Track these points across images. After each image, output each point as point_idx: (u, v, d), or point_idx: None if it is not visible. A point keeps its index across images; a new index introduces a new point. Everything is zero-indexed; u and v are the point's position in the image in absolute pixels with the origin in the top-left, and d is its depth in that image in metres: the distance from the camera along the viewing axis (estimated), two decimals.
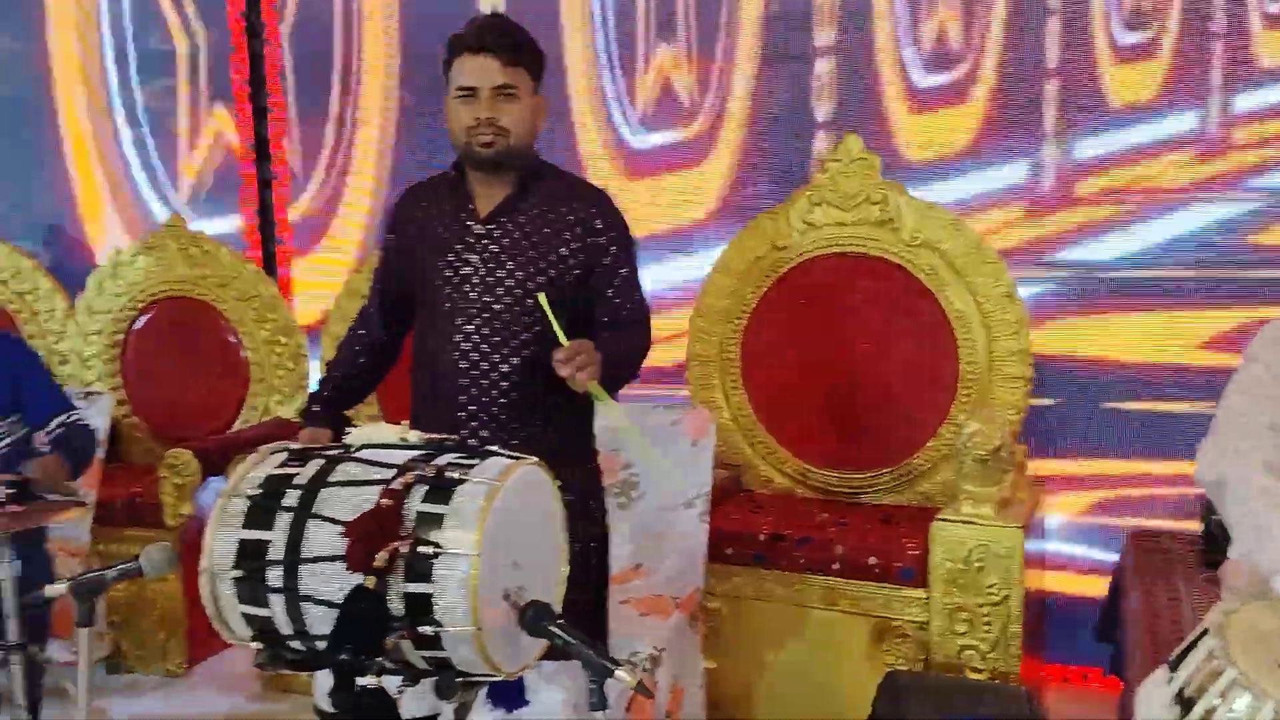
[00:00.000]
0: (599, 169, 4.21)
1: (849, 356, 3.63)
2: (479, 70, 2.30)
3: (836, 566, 3.23)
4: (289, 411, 4.45)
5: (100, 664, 3.87)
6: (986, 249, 3.50)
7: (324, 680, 2.79)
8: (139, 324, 4.62)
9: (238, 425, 4.52)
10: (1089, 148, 3.67)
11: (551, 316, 2.15)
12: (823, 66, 3.96)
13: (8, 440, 3.17)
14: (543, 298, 2.19)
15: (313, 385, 4.41)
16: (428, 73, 2.58)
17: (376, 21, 4.58)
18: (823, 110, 3.99)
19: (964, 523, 3.01)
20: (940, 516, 3.07)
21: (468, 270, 2.38)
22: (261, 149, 4.75)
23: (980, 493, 3.01)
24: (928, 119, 3.86)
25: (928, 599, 3.07)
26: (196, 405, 4.57)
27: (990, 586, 2.98)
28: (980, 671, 3.00)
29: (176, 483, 3.88)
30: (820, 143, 3.98)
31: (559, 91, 4.16)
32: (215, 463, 3.94)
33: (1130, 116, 3.62)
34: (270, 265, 4.80)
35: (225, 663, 4.05)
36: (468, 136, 2.33)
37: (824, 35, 3.96)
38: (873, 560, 3.20)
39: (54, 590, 1.93)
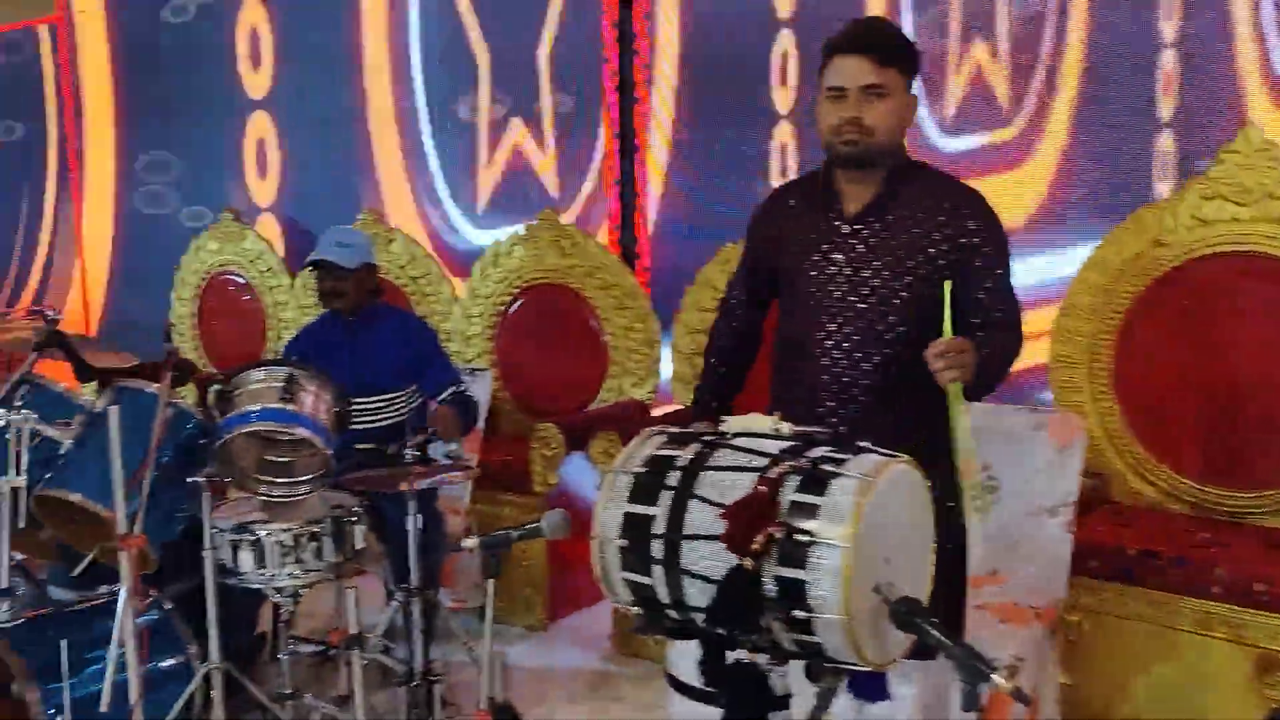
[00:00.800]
0: None
1: (1235, 365, 3.38)
2: (850, 70, 2.33)
3: (1216, 590, 3.03)
4: (642, 393, 4.69)
5: (472, 613, 4.24)
6: None
7: (684, 651, 2.96)
8: (513, 308, 5.00)
9: (596, 404, 4.79)
10: None
11: (949, 307, 2.13)
12: (1168, 57, 3.70)
13: (409, 406, 3.55)
14: (948, 286, 2.17)
15: (664, 369, 4.64)
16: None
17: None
18: (1166, 107, 3.72)
19: None
20: None
21: (833, 269, 2.42)
22: (626, 147, 4.97)
23: None
24: None
25: None
26: (560, 383, 4.90)
27: None
28: None
29: (544, 454, 4.18)
30: (1163, 143, 3.72)
31: None
32: (578, 437, 4.21)
33: None
34: (629, 256, 5.03)
35: (581, 622, 4.34)
36: (833, 136, 2.37)
37: (1169, 24, 3.69)
38: (1260, 587, 2.97)
39: (469, 544, 2.15)
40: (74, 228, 7.49)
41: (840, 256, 2.41)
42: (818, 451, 1.91)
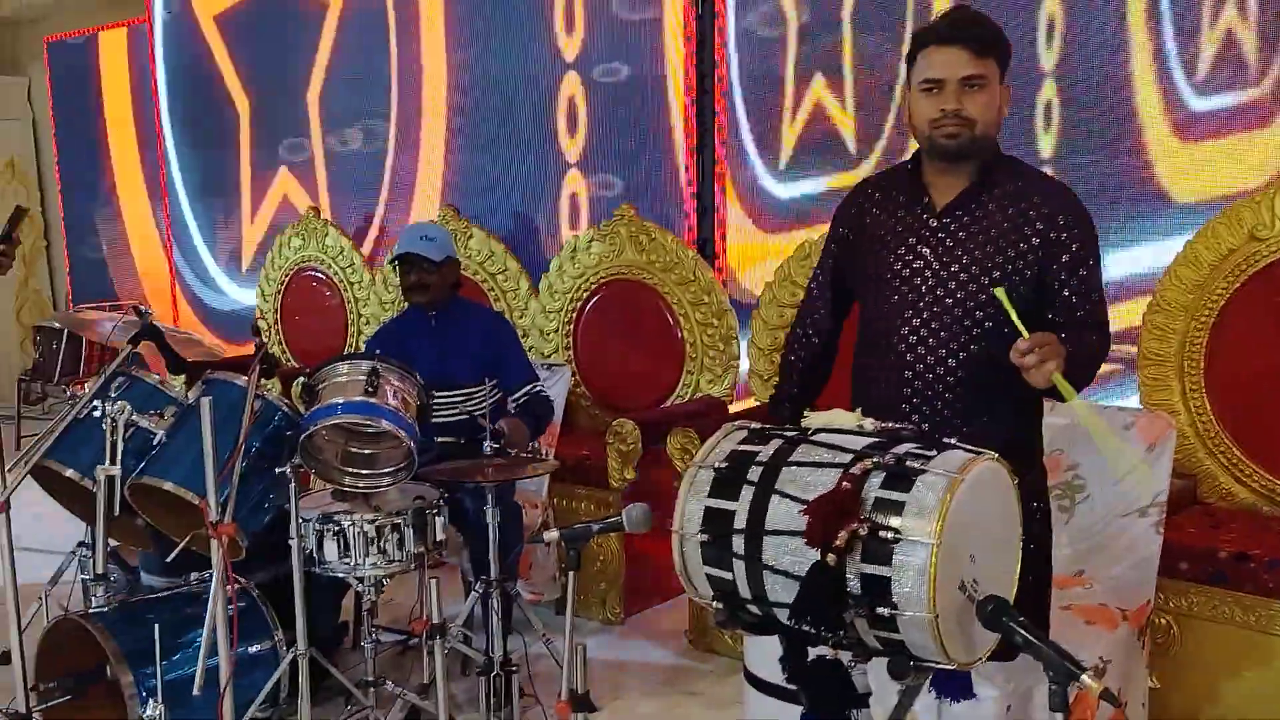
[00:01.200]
0: (1153, 131, 3.94)
1: None
2: (948, 62, 2.30)
3: None
4: (719, 390, 4.68)
5: (549, 605, 4.29)
6: None
7: (763, 647, 2.97)
8: (590, 304, 5.03)
9: (672, 400, 4.80)
10: None
11: (1010, 308, 2.11)
12: None
13: (488, 401, 3.58)
14: (1001, 291, 2.16)
15: (742, 366, 4.63)
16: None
17: None
18: None
19: None
20: None
21: (919, 264, 2.40)
22: (703, 142, 4.96)
23: None
24: None
25: None
26: (636, 379, 4.91)
27: None
28: None
29: (621, 449, 4.21)
30: None
31: (1120, 50, 3.97)
32: (654, 433, 4.22)
33: None
34: (707, 251, 5.03)
35: (657, 616, 4.36)
36: (931, 129, 2.34)
37: None
38: None
39: (549, 536, 2.18)
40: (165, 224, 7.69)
41: (927, 250, 2.39)
42: (903, 448, 1.91)
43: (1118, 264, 3.85)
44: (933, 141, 2.35)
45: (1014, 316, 2.12)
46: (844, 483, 1.84)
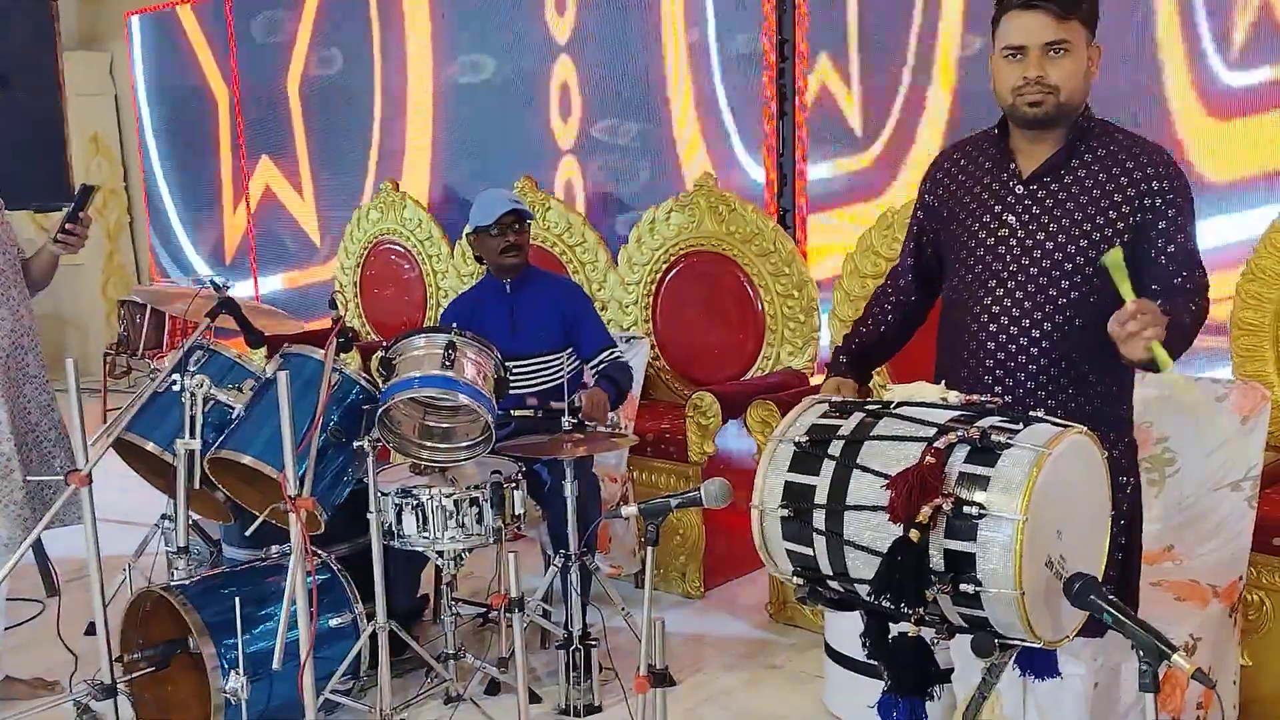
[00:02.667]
0: (1185, 109, 3.90)
1: None
2: (1029, 27, 2.25)
3: None
4: (799, 363, 4.66)
5: (628, 579, 4.32)
6: None
7: (844, 622, 2.96)
8: (670, 276, 5.03)
9: (751, 373, 4.79)
10: None
11: (1123, 276, 2.05)
12: None
13: (565, 372, 3.61)
14: (1117, 256, 2.08)
15: (823, 338, 4.60)
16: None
17: None
18: None
19: None
20: None
21: (1005, 232, 2.36)
22: (783, 108, 4.91)
23: None
24: None
25: None
26: (715, 352, 4.91)
27: None
28: None
29: (700, 423, 4.21)
30: None
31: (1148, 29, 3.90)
32: (734, 406, 4.22)
33: None
34: (787, 220, 4.99)
35: (736, 590, 4.38)
36: (1014, 97, 2.30)
37: None
38: None
39: (629, 511, 2.19)
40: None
41: (1013, 218, 2.35)
42: (988, 421, 1.89)
43: None
44: (1016, 109, 2.31)
45: (1125, 284, 2.05)
46: (928, 457, 1.83)
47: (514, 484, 3.28)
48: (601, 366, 3.80)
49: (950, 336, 2.46)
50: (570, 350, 3.82)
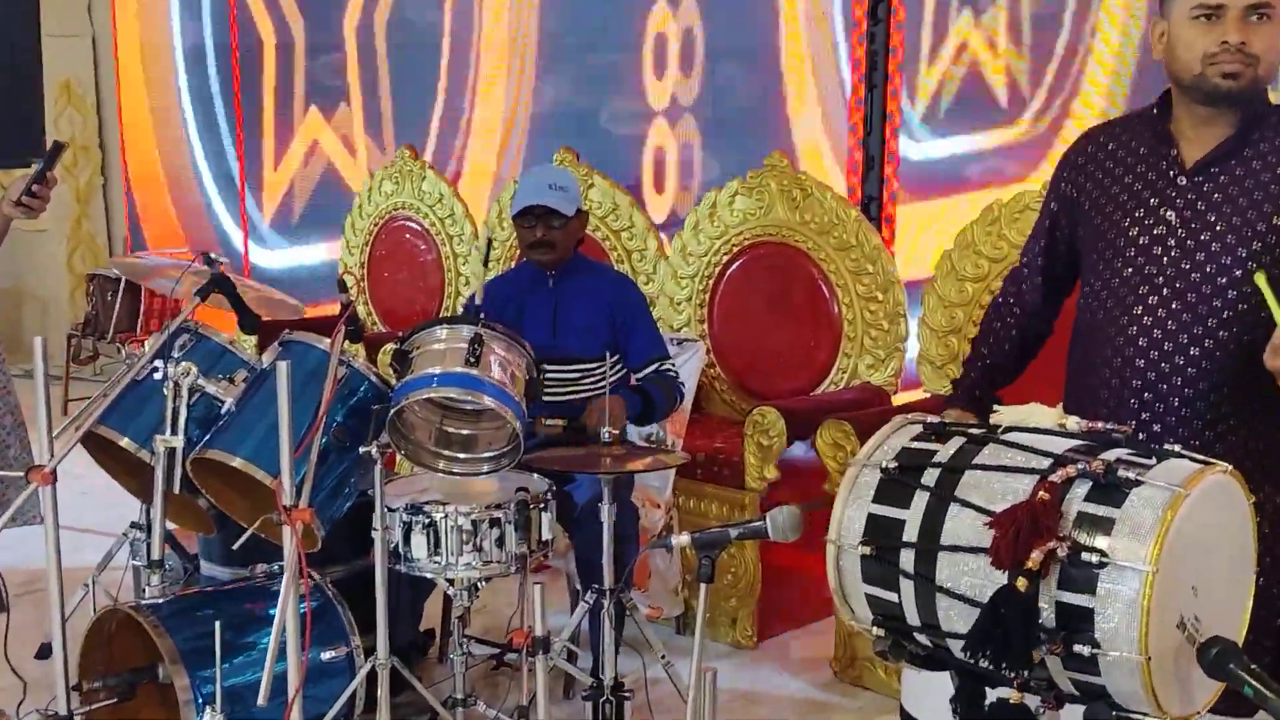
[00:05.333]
0: None
1: None
2: None
3: None
4: (881, 378, 4.65)
5: (668, 623, 4.32)
6: None
7: (929, 684, 2.94)
8: (731, 269, 5.03)
9: (823, 387, 4.78)
10: None
11: (1269, 293, 2.05)
12: None
13: (608, 380, 3.61)
14: (1262, 278, 2.08)
15: (910, 350, 4.58)
16: None
17: None
18: None
19: None
20: None
21: (1162, 230, 2.34)
22: (872, 79, 4.90)
23: None
24: None
25: None
26: (781, 360, 4.90)
27: None
28: None
29: (761, 443, 4.21)
30: None
31: None
32: (801, 425, 4.21)
33: None
34: (871, 210, 4.98)
35: (794, 642, 4.36)
36: (1204, 65, 2.27)
37: None
38: None
39: (680, 541, 2.19)
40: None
41: (1172, 215, 2.33)
42: (1114, 453, 1.89)
43: None
44: (1203, 81, 2.27)
45: (1272, 302, 2.05)
46: (1041, 492, 1.83)
47: (542, 504, 3.29)
48: (648, 374, 3.80)
49: (1087, 354, 2.45)
50: (616, 358, 3.82)
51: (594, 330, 3.78)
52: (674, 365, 3.90)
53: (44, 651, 3.86)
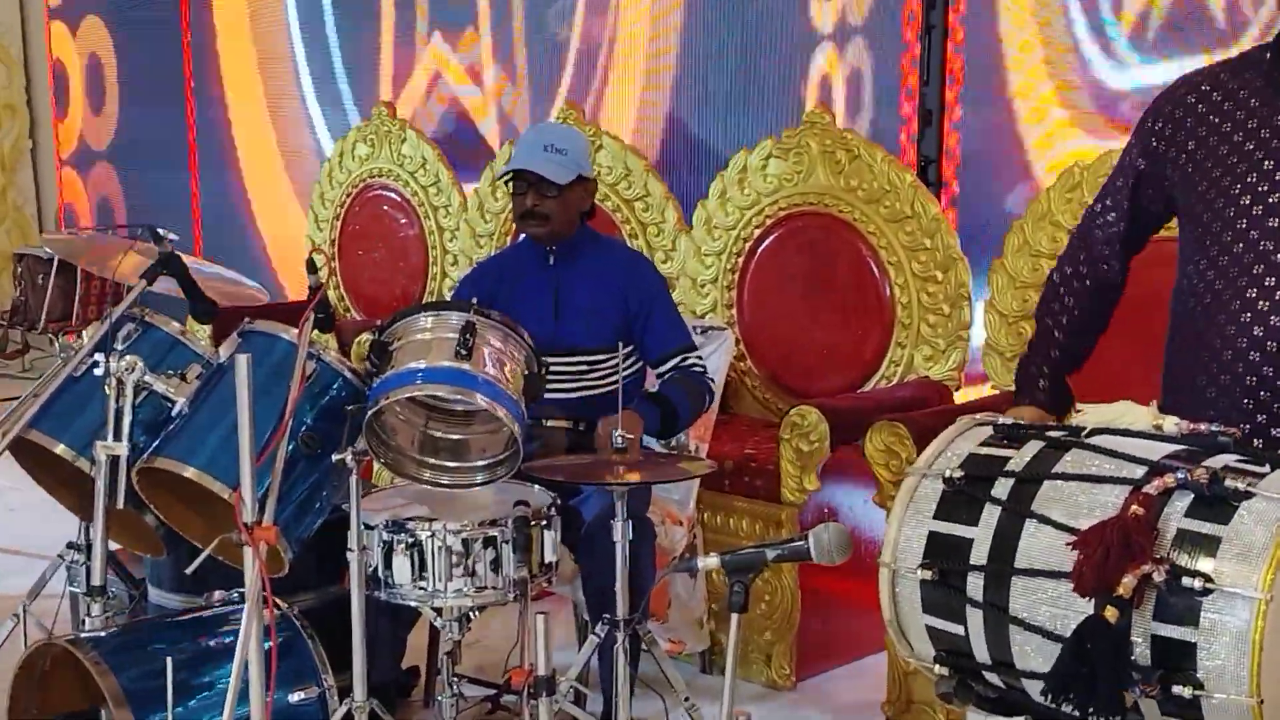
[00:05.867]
0: None
1: None
2: None
3: None
4: (941, 371, 4.63)
5: (691, 658, 4.31)
6: None
7: None
8: (763, 245, 5.03)
9: (873, 383, 4.77)
10: None
11: None
12: None
13: (620, 375, 3.59)
14: None
15: (975, 339, 4.56)
16: None
17: None
18: None
19: None
20: None
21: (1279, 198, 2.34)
22: (929, 22, 4.87)
23: None
24: None
25: None
26: (823, 352, 4.90)
27: None
28: None
29: (800, 448, 4.19)
30: None
31: None
32: (847, 427, 4.20)
33: None
34: (930, 174, 4.96)
35: (839, 683, 4.36)
36: None
37: None
38: None
39: (707, 563, 2.19)
40: None
41: None
42: (1220, 460, 1.89)
43: None
44: None
45: None
46: (1133, 506, 1.83)
47: (545, 521, 3.28)
48: (668, 375, 3.79)
49: (1190, 341, 2.44)
50: (629, 349, 3.80)
51: (602, 316, 3.77)
52: (701, 359, 3.89)
53: None
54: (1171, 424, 2.01)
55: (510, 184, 3.82)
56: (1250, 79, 2.42)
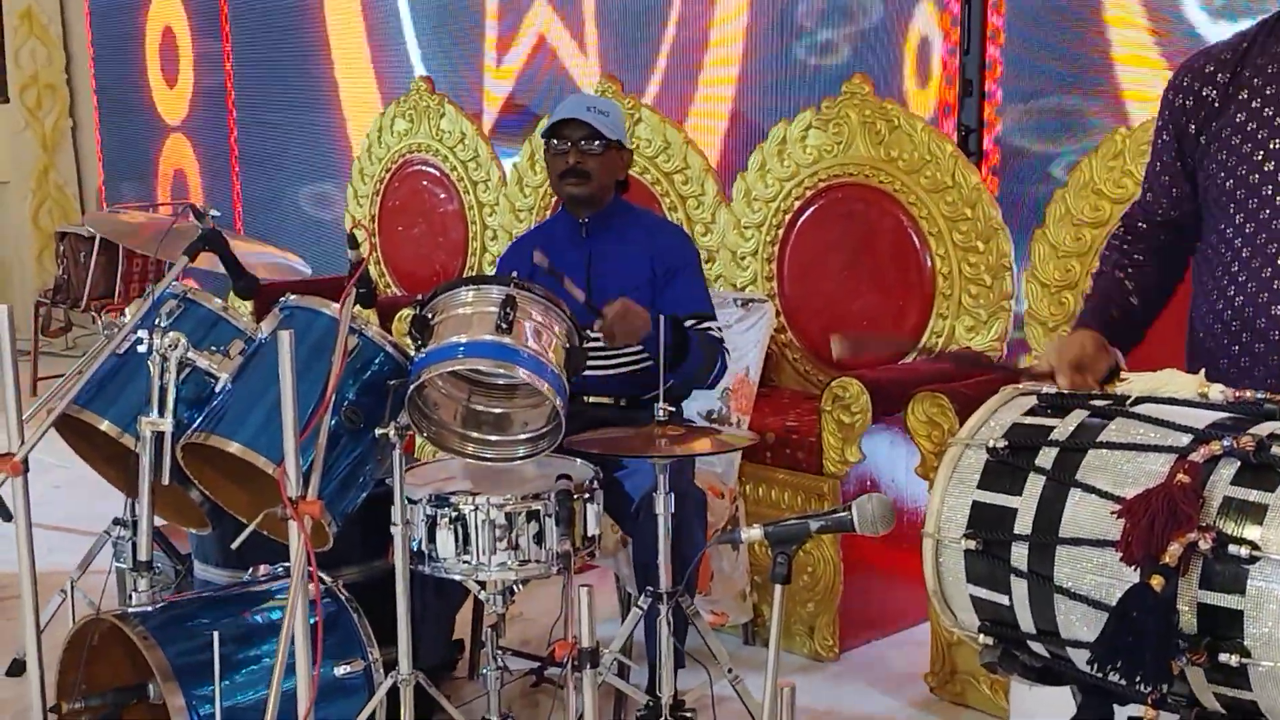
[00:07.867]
0: None
1: None
2: None
3: None
4: (983, 342, 4.62)
5: (734, 630, 4.33)
6: None
7: (1042, 701, 2.94)
8: (804, 217, 5.02)
9: (914, 355, 4.76)
10: None
11: None
12: None
13: (661, 345, 3.59)
14: None
15: (1018, 308, 4.55)
16: None
17: None
18: None
19: None
20: None
21: None
22: None
23: None
24: None
25: None
26: (864, 323, 4.89)
27: None
28: None
29: (842, 420, 4.20)
30: None
31: None
32: (889, 399, 4.20)
33: None
34: (971, 144, 4.94)
35: (882, 653, 4.37)
36: None
37: None
38: None
39: (751, 534, 2.19)
40: None
41: None
42: (1266, 428, 1.88)
43: None
44: None
45: None
46: (1179, 474, 1.82)
47: (588, 494, 3.30)
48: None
49: (1224, 306, 2.43)
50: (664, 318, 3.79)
51: (635, 286, 3.74)
52: (720, 329, 3.86)
53: (16, 668, 3.92)
54: (1217, 391, 2.01)
55: (552, 142, 3.81)
56: (1269, 45, 2.40)
